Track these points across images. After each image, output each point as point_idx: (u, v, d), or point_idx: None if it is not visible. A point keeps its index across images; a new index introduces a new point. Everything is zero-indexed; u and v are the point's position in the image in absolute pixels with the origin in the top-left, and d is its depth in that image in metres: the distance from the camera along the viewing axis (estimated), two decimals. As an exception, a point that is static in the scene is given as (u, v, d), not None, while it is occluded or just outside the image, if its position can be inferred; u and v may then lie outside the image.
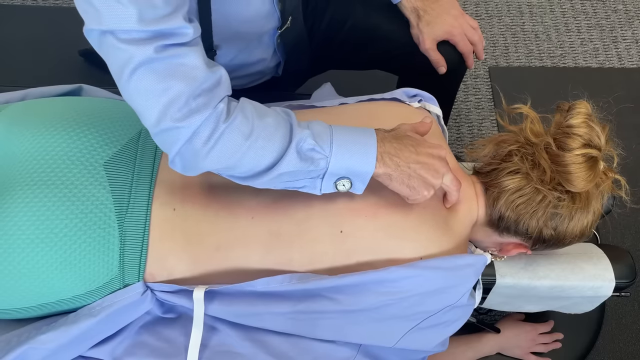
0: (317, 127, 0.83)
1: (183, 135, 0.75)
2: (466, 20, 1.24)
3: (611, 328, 1.53)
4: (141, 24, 0.72)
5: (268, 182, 0.82)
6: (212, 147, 0.77)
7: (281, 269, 0.89)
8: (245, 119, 0.78)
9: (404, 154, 0.84)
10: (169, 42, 0.74)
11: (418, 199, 0.86)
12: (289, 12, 1.10)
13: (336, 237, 0.89)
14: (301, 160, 0.80)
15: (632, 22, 2.09)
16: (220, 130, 0.76)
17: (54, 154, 0.90)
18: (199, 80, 0.75)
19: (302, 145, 0.80)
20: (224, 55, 1.12)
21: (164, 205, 0.91)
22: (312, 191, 0.84)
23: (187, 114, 0.74)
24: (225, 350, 0.90)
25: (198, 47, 0.77)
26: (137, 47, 0.72)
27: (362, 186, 0.84)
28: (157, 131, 0.76)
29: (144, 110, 0.75)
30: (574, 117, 0.92)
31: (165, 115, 0.74)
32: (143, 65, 0.73)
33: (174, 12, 0.74)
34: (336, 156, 0.81)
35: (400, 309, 0.88)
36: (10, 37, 1.92)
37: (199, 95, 0.75)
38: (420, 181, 0.85)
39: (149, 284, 0.89)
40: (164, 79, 0.73)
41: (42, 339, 0.85)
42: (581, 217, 0.94)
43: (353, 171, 0.82)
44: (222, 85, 0.78)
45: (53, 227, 0.86)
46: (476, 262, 0.90)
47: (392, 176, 0.84)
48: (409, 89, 1.07)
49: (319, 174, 0.82)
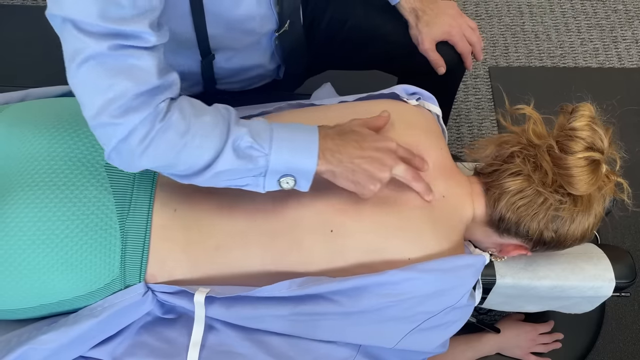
0: (257, 125, 0.83)
1: (119, 132, 0.76)
2: (465, 21, 1.24)
3: (611, 328, 1.53)
4: (102, 19, 0.72)
5: (208, 181, 0.82)
6: (148, 146, 0.77)
7: (280, 270, 0.89)
8: (182, 117, 0.78)
9: (347, 150, 0.84)
10: (127, 43, 0.74)
11: (365, 193, 0.86)
12: (287, 15, 1.10)
13: (327, 237, 0.89)
14: (238, 158, 0.80)
15: (632, 22, 2.09)
16: (156, 129, 0.77)
17: (55, 154, 0.90)
18: (146, 83, 0.76)
19: (239, 143, 0.80)
20: (222, 59, 1.12)
21: (165, 207, 0.91)
22: (255, 189, 0.84)
23: (126, 111, 0.75)
24: (225, 350, 0.90)
25: (157, 53, 0.78)
26: (93, 40, 0.73)
27: (306, 183, 0.84)
28: (94, 124, 0.77)
29: (86, 102, 0.76)
30: (577, 119, 0.91)
31: (104, 111, 0.75)
32: (95, 58, 0.74)
33: (140, 16, 0.75)
34: (276, 154, 0.81)
35: (401, 311, 0.88)
36: (10, 37, 1.92)
37: (142, 95, 0.76)
38: (365, 175, 0.84)
39: (149, 284, 0.89)
40: (112, 75, 0.74)
41: (42, 339, 0.85)
42: (582, 220, 0.94)
43: (295, 169, 0.82)
44: (169, 89, 0.79)
45: (54, 228, 0.86)
46: (475, 263, 0.90)
47: (335, 172, 0.84)
48: (408, 86, 1.07)
49: (260, 172, 0.82)
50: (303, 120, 0.94)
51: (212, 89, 1.21)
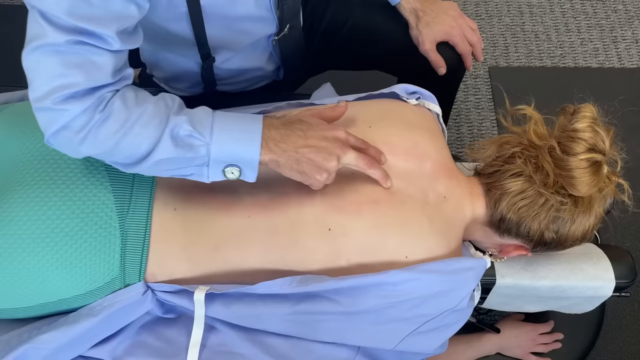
0: (199, 113, 0.82)
1: (61, 119, 0.76)
2: (465, 22, 1.24)
3: (611, 328, 1.53)
4: (69, 15, 0.73)
5: (150, 169, 0.82)
6: (86, 135, 0.77)
7: (279, 269, 0.89)
8: (123, 106, 0.78)
9: (291, 139, 0.83)
10: (87, 41, 0.75)
11: (313, 183, 0.85)
12: (287, 19, 1.10)
13: (325, 235, 0.88)
14: (177, 146, 0.79)
15: (632, 22, 2.09)
16: (96, 119, 0.77)
17: (55, 153, 0.90)
18: (98, 80, 0.76)
19: (177, 132, 0.80)
20: (221, 60, 1.12)
21: (165, 205, 0.91)
22: (199, 179, 0.84)
23: (68, 99, 0.75)
24: (225, 350, 0.90)
25: (117, 55, 0.78)
26: (54, 30, 0.74)
27: (252, 174, 0.83)
28: (36, 107, 0.77)
29: (34, 84, 0.76)
30: (579, 120, 0.91)
31: (49, 96, 0.75)
32: (50, 46, 0.74)
33: (109, 20, 0.75)
34: (217, 143, 0.80)
35: (400, 312, 0.87)
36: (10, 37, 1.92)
37: (90, 89, 0.76)
38: (310, 165, 0.83)
39: (149, 284, 0.89)
40: (67, 66, 0.75)
41: (42, 339, 0.85)
42: (583, 221, 0.94)
43: (238, 158, 0.81)
44: (118, 84, 0.79)
45: (54, 227, 0.86)
46: (477, 266, 0.90)
47: (279, 162, 0.83)
48: (408, 86, 1.07)
49: (203, 162, 0.81)
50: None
51: (213, 90, 1.21)
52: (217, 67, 1.13)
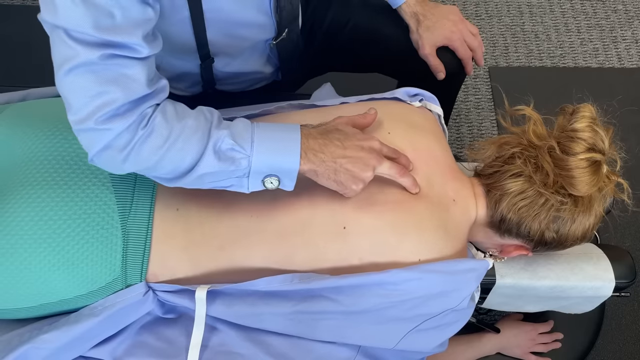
0: (238, 125, 0.83)
1: (104, 138, 0.76)
2: (466, 26, 1.23)
3: (611, 328, 1.53)
4: (96, 30, 0.72)
5: (192, 183, 0.82)
6: (130, 152, 0.78)
7: (284, 269, 0.89)
8: (164, 121, 0.79)
9: (329, 149, 0.84)
10: (118, 53, 0.75)
11: (348, 192, 0.86)
12: (285, 24, 1.10)
13: (339, 234, 0.89)
14: (220, 160, 0.80)
15: (632, 22, 2.09)
16: (139, 136, 0.77)
17: (57, 154, 0.90)
18: (135, 92, 0.76)
19: (220, 146, 0.80)
20: (220, 63, 1.12)
21: (167, 206, 0.91)
22: (239, 190, 0.84)
23: (111, 118, 0.75)
24: (225, 350, 0.90)
25: (148, 63, 0.78)
26: (85, 48, 0.73)
27: (290, 183, 0.84)
28: (78, 129, 0.77)
29: (74, 106, 0.76)
30: (579, 120, 0.91)
31: (91, 117, 0.75)
32: (84, 66, 0.74)
33: (132, 27, 0.75)
34: (258, 155, 0.81)
35: (401, 311, 0.88)
36: (10, 37, 1.92)
37: (129, 103, 0.76)
38: (347, 175, 0.84)
39: (150, 284, 0.89)
40: (103, 83, 0.75)
41: (43, 339, 0.85)
42: (583, 220, 0.94)
43: (278, 168, 0.82)
44: (157, 96, 0.80)
45: (56, 227, 0.86)
46: (479, 267, 0.90)
47: (318, 172, 0.84)
48: (410, 89, 1.07)
49: (243, 173, 0.82)
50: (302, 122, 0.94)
51: (212, 89, 1.21)
52: (215, 69, 1.13)
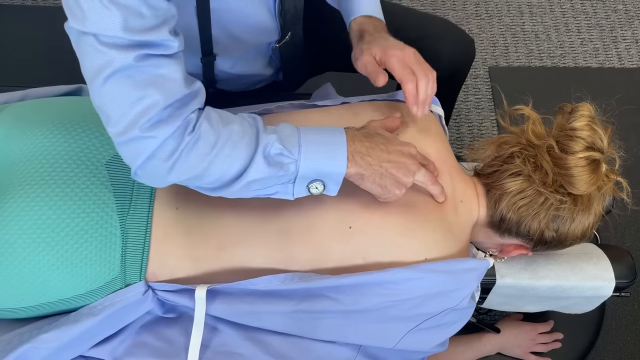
0: (285, 130, 0.81)
1: (150, 146, 0.74)
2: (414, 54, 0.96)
3: (611, 328, 1.53)
4: (126, 32, 0.70)
5: (238, 192, 0.80)
6: (177, 160, 0.75)
7: (285, 268, 0.89)
8: (210, 127, 0.77)
9: (376, 153, 0.83)
10: (152, 52, 0.73)
11: (389, 197, 0.86)
12: (289, 28, 1.10)
13: (344, 233, 0.88)
14: (269, 165, 0.78)
15: (632, 22, 2.10)
16: (186, 142, 0.75)
17: (55, 153, 0.90)
18: (174, 93, 0.74)
19: (269, 151, 0.78)
20: (222, 65, 1.12)
21: (166, 205, 0.91)
22: (284, 197, 0.83)
23: (156, 124, 0.73)
24: (225, 350, 0.90)
25: (179, 60, 0.76)
26: (119, 52, 0.71)
27: (335, 188, 0.83)
28: (122, 140, 0.74)
29: (114, 116, 0.74)
30: (577, 119, 0.92)
31: (135, 124, 0.73)
32: (121, 71, 0.72)
33: (161, 24, 0.73)
34: (306, 159, 0.79)
35: (401, 311, 0.88)
36: (10, 37, 1.93)
37: (171, 107, 0.74)
38: (392, 180, 0.84)
39: (150, 283, 0.89)
40: (141, 87, 0.72)
41: (43, 338, 0.85)
42: (583, 219, 0.94)
43: (324, 173, 0.81)
44: (196, 98, 0.78)
45: (55, 227, 0.86)
46: (479, 267, 0.91)
47: (364, 175, 0.83)
48: None
49: (290, 179, 0.80)
50: (304, 121, 0.94)
51: (212, 88, 1.21)
52: (217, 70, 1.13)
